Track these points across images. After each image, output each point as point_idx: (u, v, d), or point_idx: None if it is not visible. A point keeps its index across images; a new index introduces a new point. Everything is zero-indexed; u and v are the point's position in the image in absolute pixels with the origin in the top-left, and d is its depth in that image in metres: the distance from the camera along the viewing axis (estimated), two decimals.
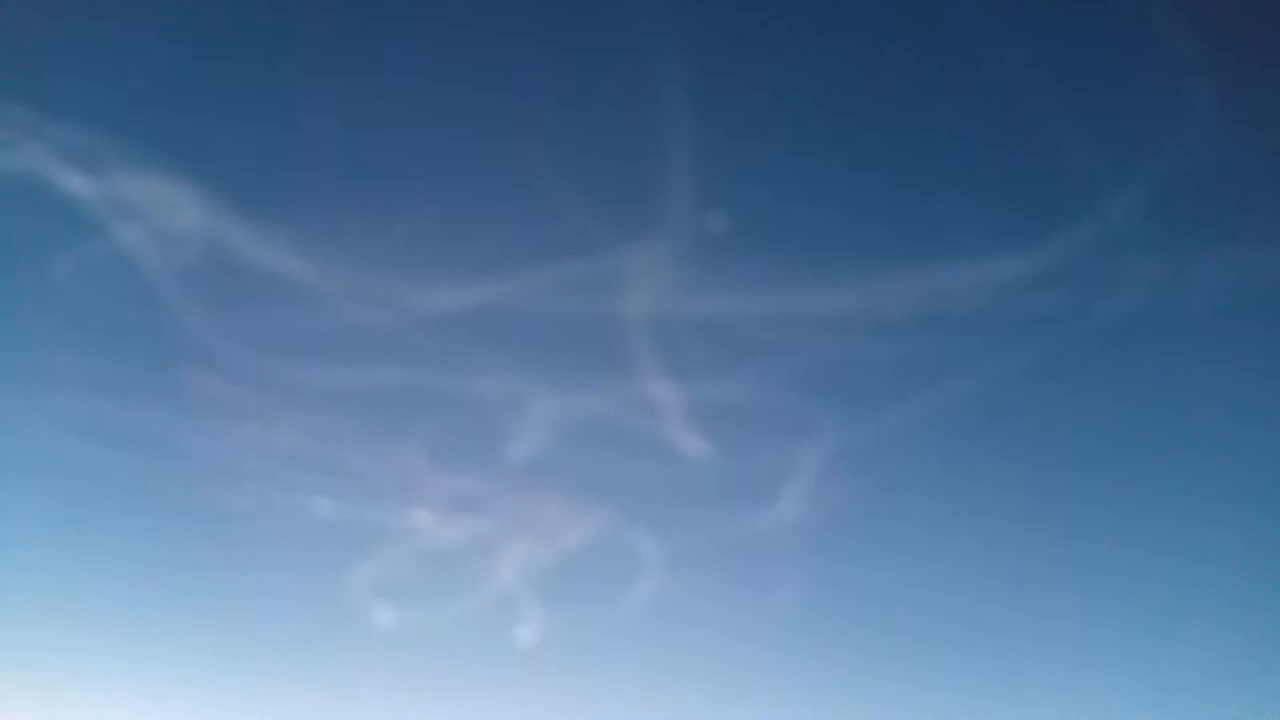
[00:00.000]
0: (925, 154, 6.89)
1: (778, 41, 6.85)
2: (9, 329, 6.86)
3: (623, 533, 6.89)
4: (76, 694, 6.45)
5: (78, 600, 6.71)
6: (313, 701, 6.59)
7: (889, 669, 6.86)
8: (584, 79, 6.85)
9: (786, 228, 6.92)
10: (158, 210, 6.59)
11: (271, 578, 6.88)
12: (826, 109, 6.87)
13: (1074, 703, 6.46)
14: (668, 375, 6.79)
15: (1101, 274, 6.70)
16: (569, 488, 6.94)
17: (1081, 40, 6.71)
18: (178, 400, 6.78)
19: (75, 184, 6.48)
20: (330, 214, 6.78)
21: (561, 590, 6.87)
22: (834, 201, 6.91)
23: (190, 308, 6.68)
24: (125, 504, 6.83)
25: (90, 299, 6.69)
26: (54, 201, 6.49)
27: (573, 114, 6.85)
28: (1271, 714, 6.00)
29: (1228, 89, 6.44)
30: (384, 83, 6.81)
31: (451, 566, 6.88)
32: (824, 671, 6.90)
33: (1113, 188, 6.64)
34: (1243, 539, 6.64)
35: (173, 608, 6.74)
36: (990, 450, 7.01)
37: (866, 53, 6.81)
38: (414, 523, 6.84)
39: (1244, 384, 6.77)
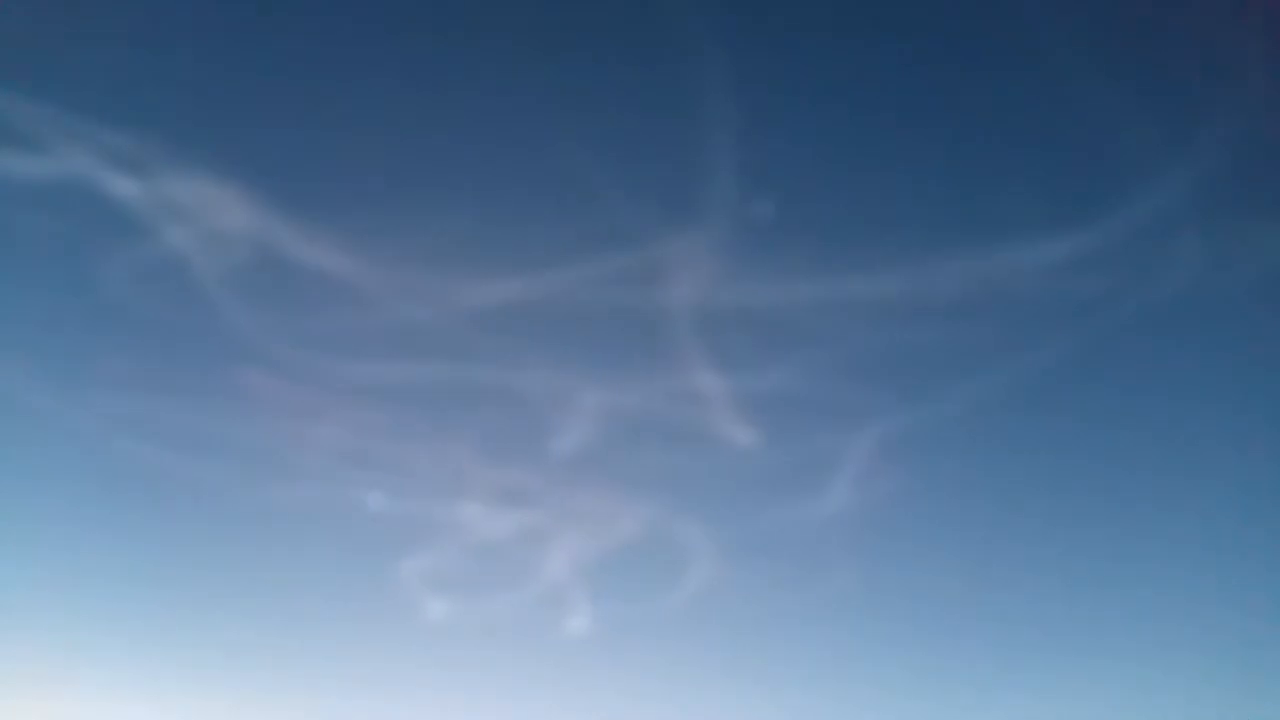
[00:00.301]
0: (969, 139, 6.85)
1: (818, 28, 6.84)
2: (62, 332, 6.96)
3: (670, 524, 6.90)
4: (131, 689, 6.52)
5: (133, 597, 6.81)
6: (363, 694, 6.64)
7: (941, 658, 6.82)
8: (623, 71, 6.86)
9: (830, 215, 6.90)
10: (205, 212, 6.67)
11: (322, 572, 6.95)
12: (869, 94, 6.86)
13: (1136, 693, 6.40)
14: (713, 366, 6.79)
15: (1149, 257, 6.64)
16: (616, 480, 6.96)
17: (1126, 24, 6.65)
18: (228, 399, 6.86)
19: (123, 188, 6.57)
20: (374, 212, 6.85)
21: (610, 582, 6.89)
22: (877, 188, 6.88)
23: (239, 307, 6.76)
24: (178, 502, 6.92)
25: (140, 301, 6.78)
26: (103, 205, 6.58)
27: (612, 106, 6.86)
28: None
29: (1273, 73, 6.37)
30: (426, 81, 6.86)
31: (500, 560, 6.92)
32: (875, 662, 6.87)
33: (1159, 171, 6.59)
34: None
35: (226, 603, 6.81)
36: (1040, 436, 6.96)
37: (909, 37, 6.78)
38: (463, 517, 6.87)
39: None
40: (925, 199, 6.92)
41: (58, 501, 6.84)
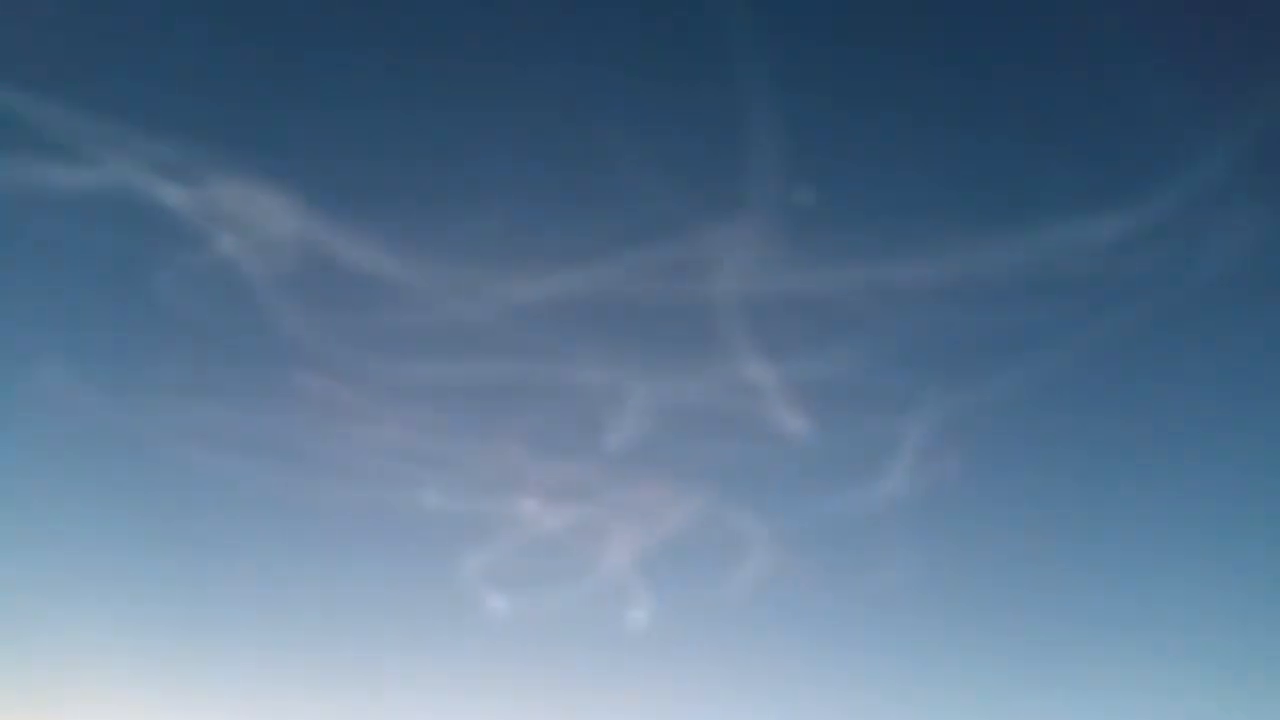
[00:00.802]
0: (1019, 116, 6.79)
1: (860, 18, 6.79)
2: (116, 339, 7.06)
3: (726, 515, 6.90)
4: (193, 687, 6.61)
5: (195, 598, 6.90)
6: (426, 687, 6.70)
7: (998, 645, 6.80)
8: (665, 66, 6.83)
9: (876, 200, 6.86)
10: (253, 217, 6.71)
11: (383, 571, 7.01)
12: (914, 74, 6.80)
13: (1221, 680, 6.32)
14: (763, 355, 6.77)
15: (1199, 235, 6.55)
16: (670, 472, 6.96)
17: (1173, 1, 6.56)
18: (283, 402, 6.91)
19: (173, 196, 6.62)
20: (421, 211, 6.88)
21: (666, 573, 6.91)
22: (926, 169, 6.83)
23: (290, 311, 6.81)
24: (240, 504, 7.00)
25: (192, 306, 6.84)
26: (154, 214, 6.64)
27: (656, 101, 6.84)
28: None
29: None
30: (470, 83, 6.86)
31: (558, 553, 6.95)
32: (933, 650, 6.86)
33: (1208, 148, 6.49)
34: None
35: (292, 601, 6.90)
36: (1100, 415, 6.89)
37: (953, 24, 6.73)
38: (520, 512, 6.90)
39: None
40: (971, 181, 6.88)
41: (115, 505, 6.95)
